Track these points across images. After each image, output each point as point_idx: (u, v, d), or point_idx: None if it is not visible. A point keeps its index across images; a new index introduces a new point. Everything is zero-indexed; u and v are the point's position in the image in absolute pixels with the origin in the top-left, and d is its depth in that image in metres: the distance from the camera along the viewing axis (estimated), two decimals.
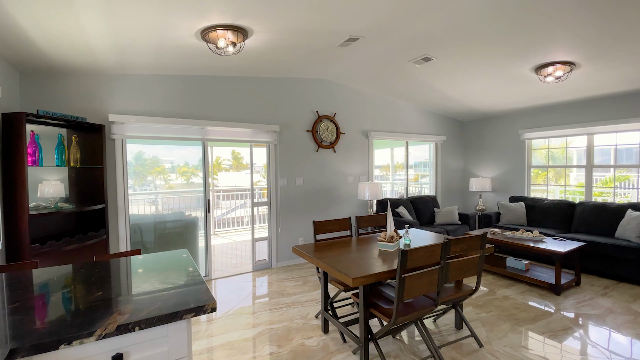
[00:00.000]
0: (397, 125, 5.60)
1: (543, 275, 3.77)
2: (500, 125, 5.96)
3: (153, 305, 1.23)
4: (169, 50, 3.06)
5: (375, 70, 4.21)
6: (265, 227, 4.60)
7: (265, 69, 3.98)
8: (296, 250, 2.69)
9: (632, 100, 4.37)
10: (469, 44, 3.23)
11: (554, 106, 5.14)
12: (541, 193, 5.53)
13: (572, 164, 5.18)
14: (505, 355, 2.39)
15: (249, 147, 4.44)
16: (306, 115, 4.66)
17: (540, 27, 2.81)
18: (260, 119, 4.33)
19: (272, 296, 3.52)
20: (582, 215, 4.52)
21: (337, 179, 4.97)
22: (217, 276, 4.16)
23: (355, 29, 2.92)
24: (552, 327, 2.79)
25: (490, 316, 3.01)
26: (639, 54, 3.18)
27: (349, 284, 1.98)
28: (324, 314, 2.75)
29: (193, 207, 5.45)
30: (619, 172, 4.78)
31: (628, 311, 3.04)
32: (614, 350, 2.41)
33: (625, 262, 3.73)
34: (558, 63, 3.50)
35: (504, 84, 4.33)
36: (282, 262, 4.56)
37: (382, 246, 2.60)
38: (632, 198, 4.60)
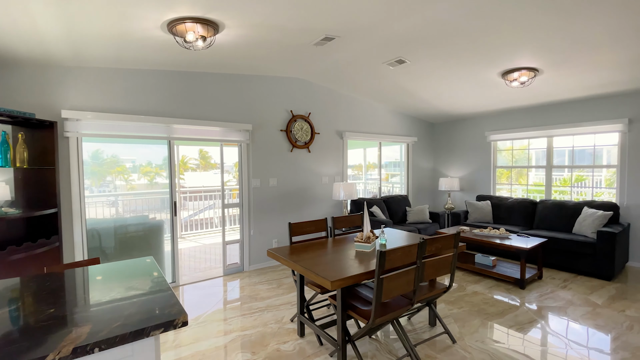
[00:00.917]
0: (371, 126, 5.65)
1: (509, 270, 3.94)
2: (468, 127, 6.19)
3: (115, 322, 1.10)
4: (131, 42, 2.85)
5: (351, 71, 4.20)
6: (237, 229, 4.45)
7: (237, 65, 3.83)
8: (271, 253, 2.60)
9: (588, 105, 4.70)
10: (441, 48, 3.29)
11: (518, 110, 5.41)
12: (505, 192, 5.81)
13: (533, 164, 5.48)
14: (477, 350, 2.45)
15: (219, 146, 4.27)
16: (280, 114, 4.56)
17: (508, 34, 2.92)
18: (232, 117, 4.17)
19: (245, 301, 3.40)
20: (543, 213, 4.79)
21: (312, 179, 4.91)
22: (185, 282, 3.96)
23: (331, 28, 2.87)
24: (518, 320, 2.91)
25: (462, 312, 3.09)
26: (595, 63, 3.40)
27: (328, 287, 1.93)
28: (300, 317, 2.68)
29: (158, 209, 5.16)
30: (575, 173, 5.12)
31: (586, 302, 3.24)
32: (576, 340, 2.55)
33: (582, 256, 3.98)
34: (523, 69, 3.67)
35: (472, 88, 4.48)
36: (255, 265, 4.43)
37: (359, 247, 2.57)
38: (587, 196, 4.94)
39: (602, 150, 4.71)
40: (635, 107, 4.27)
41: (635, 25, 2.65)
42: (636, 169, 4.29)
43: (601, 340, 2.53)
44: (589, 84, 4.05)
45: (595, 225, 4.07)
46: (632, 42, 2.93)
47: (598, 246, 3.83)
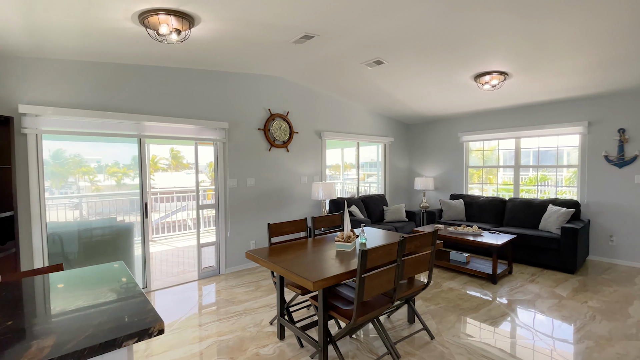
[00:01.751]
0: (349, 126, 5.67)
1: (481, 266, 4.09)
2: (442, 129, 6.37)
3: (83, 332, 1.01)
4: (98, 33, 2.67)
5: (330, 71, 4.19)
6: (213, 230, 4.31)
7: (213, 61, 3.71)
8: (250, 255, 2.53)
9: (552, 108, 4.97)
10: (417, 50, 3.35)
11: (489, 112, 5.63)
12: (477, 191, 6.03)
13: (502, 164, 5.73)
14: (455, 345, 2.50)
15: (193, 145, 4.11)
16: (258, 112, 4.46)
17: (481, 39, 3.02)
18: (207, 115, 4.03)
19: (222, 305, 3.29)
20: (512, 211, 5.01)
21: (291, 179, 4.85)
22: (157, 287, 3.78)
23: (311, 26, 2.84)
24: (492, 314, 3.01)
25: (439, 308, 3.16)
26: (559, 69, 3.59)
27: (310, 288, 1.90)
28: (280, 319, 2.63)
29: (126, 211, 4.90)
30: (540, 172, 5.40)
31: (553, 295, 3.41)
32: (544, 332, 2.67)
33: (548, 251, 4.20)
34: (494, 72, 3.82)
35: (447, 90, 4.61)
36: (232, 268, 4.31)
37: (339, 246, 2.56)
38: (551, 195, 5.22)
39: (563, 152, 4.99)
40: (595, 111, 4.56)
41: (594, 34, 2.82)
42: (595, 169, 4.58)
43: (567, 331, 2.67)
44: (554, 89, 4.29)
45: (559, 222, 4.30)
46: (592, 50, 3.12)
47: (562, 241, 4.05)
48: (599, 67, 3.53)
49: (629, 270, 4.15)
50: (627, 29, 2.73)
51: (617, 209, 4.41)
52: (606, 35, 2.86)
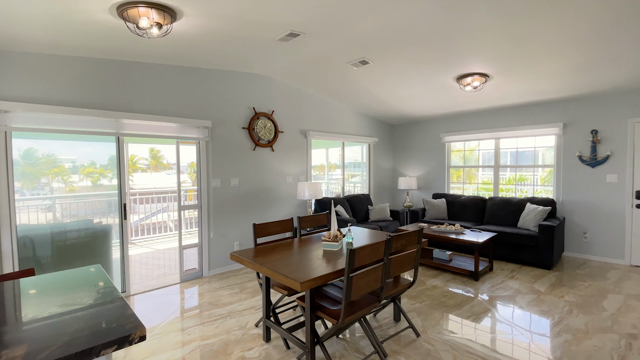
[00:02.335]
0: (335, 126, 5.67)
1: (463, 263, 4.17)
2: (425, 129, 6.48)
3: (57, 341, 0.95)
4: (74, 26, 2.55)
5: (315, 70, 4.17)
6: (195, 232, 4.21)
7: (196, 57, 3.62)
8: (235, 256, 2.47)
9: (530, 110, 5.13)
10: (402, 51, 3.39)
11: (470, 113, 5.76)
12: (458, 190, 6.16)
13: (483, 164, 5.88)
14: (440, 342, 2.53)
15: (174, 144, 4.00)
16: (242, 111, 4.39)
17: (463, 41, 3.08)
18: (189, 113, 3.93)
19: (205, 308, 3.21)
20: (492, 209, 5.14)
21: (276, 178, 4.80)
22: (137, 291, 3.65)
23: (297, 24, 2.81)
24: (475, 310, 3.07)
25: (423, 306, 3.19)
26: (537, 72, 3.71)
27: (297, 289, 1.87)
28: (265, 321, 2.58)
29: (104, 212, 4.72)
30: (518, 172, 5.57)
31: (532, 290, 3.52)
32: (524, 326, 2.74)
33: (527, 248, 4.33)
34: (476, 74, 3.91)
35: (430, 91, 4.68)
36: (215, 270, 4.22)
37: (326, 246, 2.54)
38: (529, 193, 5.40)
39: (539, 152, 5.17)
40: (569, 113, 4.75)
41: (569, 38, 2.93)
42: (569, 169, 4.77)
43: (546, 325, 2.76)
44: (531, 91, 4.43)
45: (536, 220, 4.45)
46: (567, 54, 3.24)
47: (539, 238, 4.19)
48: (574, 71, 3.68)
49: (601, 265, 4.34)
50: (599, 35, 2.85)
51: (590, 207, 4.60)
52: (580, 42, 2.98)
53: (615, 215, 4.40)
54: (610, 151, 4.41)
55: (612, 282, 3.69)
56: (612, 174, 4.41)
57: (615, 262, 4.40)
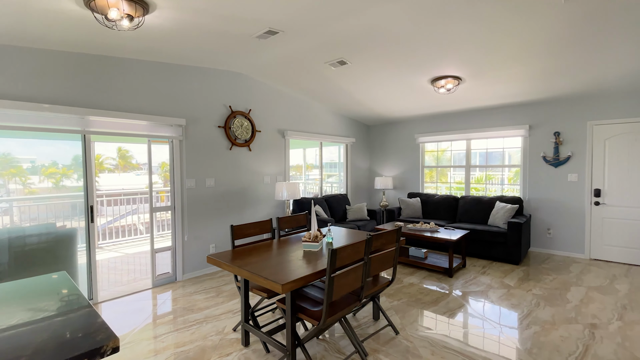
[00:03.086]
0: (313, 126, 5.66)
1: (438, 261, 4.29)
2: (400, 130, 6.61)
3: (17, 356, 0.86)
4: (37, 15, 2.36)
5: (293, 69, 4.13)
6: (168, 235, 4.04)
7: (170, 53, 3.48)
8: (212, 259, 2.39)
9: (499, 112, 5.37)
10: (379, 52, 3.43)
11: (444, 115, 5.94)
12: (432, 189, 6.33)
13: (455, 164, 6.08)
14: (418, 338, 2.58)
15: (144, 143, 3.82)
16: (218, 109, 4.27)
17: (438, 44, 3.16)
18: (162, 110, 3.77)
19: (180, 313, 3.09)
20: (464, 207, 5.33)
21: (253, 179, 4.71)
22: (105, 298, 3.45)
23: (275, 22, 2.77)
24: (450, 306, 3.16)
25: (401, 303, 3.24)
26: (506, 76, 3.89)
27: (279, 291, 1.83)
28: (244, 325, 2.52)
29: (68, 215, 4.44)
30: (488, 171, 5.81)
31: (502, 285, 3.67)
32: (496, 320, 2.86)
33: (496, 244, 4.53)
34: (449, 77, 4.03)
35: (406, 93, 4.78)
36: (190, 274, 4.07)
37: (307, 247, 2.52)
38: (497, 192, 5.64)
39: (507, 153, 5.42)
40: (535, 115, 5.01)
41: (533, 47, 3.09)
42: (535, 168, 5.04)
43: (516, 318, 2.88)
44: (501, 94, 4.64)
45: (505, 217, 4.66)
46: (532, 61, 3.42)
47: (508, 235, 4.39)
48: (538, 77, 3.88)
49: (564, 259, 4.61)
50: (558, 45, 3.02)
51: (553, 205, 4.88)
52: (542, 50, 3.15)
53: (576, 212, 4.70)
54: (571, 152, 4.70)
55: (574, 275, 3.93)
56: (573, 173, 4.70)
57: (577, 256, 4.69)
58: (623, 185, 4.34)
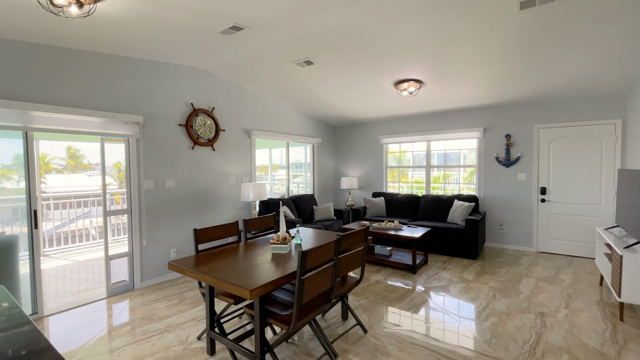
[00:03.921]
0: (279, 126, 5.58)
1: (402, 258, 4.43)
2: (365, 131, 6.74)
3: None
4: None
5: (259, 67, 4.04)
6: (124, 240, 3.79)
7: (126, 45, 3.24)
8: (174, 266, 2.27)
9: (457, 115, 5.65)
10: (345, 54, 3.46)
11: (406, 117, 6.14)
12: (394, 189, 6.53)
13: (416, 164, 6.32)
14: (386, 335, 2.64)
15: (98, 141, 3.55)
16: (179, 107, 4.06)
17: (401, 48, 3.26)
18: (117, 106, 3.51)
19: (139, 324, 2.90)
20: (425, 206, 5.55)
21: (217, 179, 4.54)
22: (53, 311, 3.15)
23: (241, 17, 2.69)
24: (415, 302, 3.28)
25: (369, 301, 3.30)
26: (463, 81, 4.10)
27: (247, 297, 1.78)
28: (209, 333, 2.42)
29: (7, 220, 4.01)
30: (446, 171, 6.11)
31: (462, 279, 3.87)
32: (457, 313, 3.00)
33: (455, 241, 4.77)
34: (412, 80, 4.17)
35: (370, 95, 4.87)
36: (150, 281, 3.84)
37: (275, 249, 2.47)
38: (455, 191, 5.94)
39: (463, 153, 5.74)
40: (489, 118, 5.35)
41: (486, 54, 3.29)
42: (488, 168, 5.37)
43: (475, 310, 3.05)
44: (458, 98, 4.88)
45: (463, 215, 4.92)
46: (485, 67, 3.64)
47: (466, 232, 4.64)
48: (494, 81, 4.14)
49: (515, 253, 4.97)
50: (508, 53, 3.25)
51: (505, 202, 5.24)
52: (493, 57, 3.37)
53: (525, 209, 5.08)
54: (521, 153, 5.08)
55: (525, 268, 4.25)
56: (522, 172, 5.08)
57: (526, 250, 5.07)
58: (565, 183, 4.77)
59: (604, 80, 3.86)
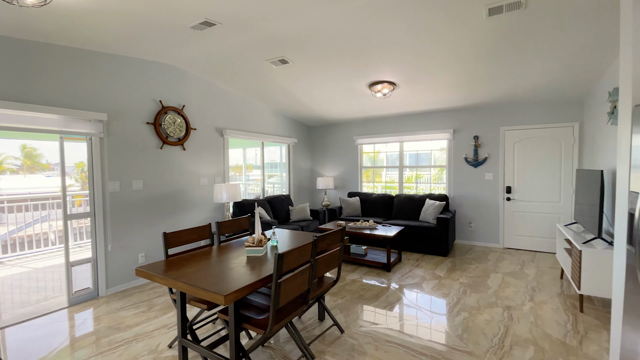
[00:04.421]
0: (254, 125, 5.48)
1: (377, 256, 4.49)
2: (340, 132, 6.78)
3: None
4: None
5: (233, 65, 3.94)
6: (87, 245, 3.57)
7: (88, 38, 3.05)
8: (142, 272, 2.15)
9: (428, 117, 5.81)
10: (321, 54, 3.45)
11: (380, 118, 6.24)
12: (370, 188, 6.62)
13: (389, 164, 6.43)
14: (362, 335, 2.66)
15: (57, 140, 3.31)
16: (146, 104, 3.87)
17: (375, 50, 3.29)
18: (79, 103, 3.29)
19: (104, 333, 2.74)
20: (398, 205, 5.67)
21: (189, 180, 4.38)
22: (8, 322, 2.91)
23: (213, 12, 2.60)
24: (390, 300, 3.33)
25: (345, 301, 3.32)
26: (434, 84, 4.22)
27: (221, 302, 1.72)
28: (181, 341, 2.32)
29: None
30: (418, 171, 6.27)
31: (434, 276, 3.98)
32: (431, 309, 3.08)
33: (427, 238, 4.90)
34: (385, 82, 4.23)
35: (345, 96, 4.90)
36: (116, 288, 3.64)
37: (250, 252, 2.42)
38: (426, 190, 6.11)
39: (434, 154, 5.92)
40: (458, 120, 5.54)
41: (460, 56, 3.40)
42: (458, 168, 5.57)
43: (447, 306, 3.15)
44: (430, 100, 5.02)
45: (434, 213, 5.07)
46: (455, 71, 3.77)
47: (437, 230, 4.78)
48: (463, 85, 4.29)
49: (483, 249, 5.18)
50: (483, 55, 3.38)
51: (474, 201, 5.46)
52: (468, 59, 3.49)
53: (492, 207, 5.31)
54: (488, 154, 5.30)
55: (492, 263, 4.44)
56: (490, 172, 5.30)
57: (493, 246, 5.31)
58: (528, 182, 5.03)
59: (563, 85, 4.11)
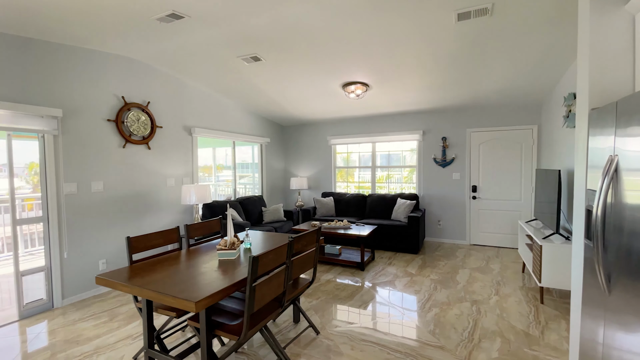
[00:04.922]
0: (224, 124, 5.31)
1: (351, 256, 4.51)
2: (314, 132, 6.75)
3: None
4: None
5: (202, 61, 3.78)
6: (40, 252, 3.28)
7: (40, 27, 2.79)
8: (103, 280, 2.00)
9: (399, 119, 5.93)
10: (294, 52, 3.40)
11: (353, 119, 6.28)
12: (343, 188, 6.65)
13: (362, 165, 6.50)
14: (338, 335, 2.65)
15: (4, 137, 3.01)
16: (107, 100, 3.62)
17: (349, 50, 3.30)
18: (29, 97, 3.01)
19: (60, 348, 2.51)
20: (371, 205, 5.74)
21: (154, 181, 4.15)
22: None
23: (181, 4, 2.47)
24: (364, 299, 3.34)
25: (320, 302, 3.29)
26: (405, 86, 4.31)
27: (192, 309, 1.62)
28: (148, 352, 2.18)
29: None
30: (389, 171, 6.39)
31: (406, 274, 4.06)
32: (403, 306, 3.13)
33: (399, 237, 5.00)
34: (359, 83, 4.26)
35: (319, 95, 4.88)
36: (73, 298, 3.37)
37: (222, 255, 2.32)
38: (397, 190, 6.24)
39: (405, 154, 6.06)
40: (428, 122, 5.71)
41: (430, 59, 3.50)
42: (427, 168, 5.74)
43: (420, 302, 3.22)
44: (401, 102, 5.13)
45: (406, 212, 5.18)
46: (427, 72, 3.87)
47: (409, 228, 4.90)
48: (432, 88, 4.42)
49: (452, 246, 5.38)
50: (450, 59, 3.49)
51: (442, 200, 5.65)
52: (437, 62, 3.59)
53: (459, 206, 5.52)
54: (455, 154, 5.51)
55: (460, 260, 4.61)
56: (457, 172, 5.51)
57: (461, 243, 5.52)
58: (492, 181, 5.29)
59: (524, 89, 4.35)
